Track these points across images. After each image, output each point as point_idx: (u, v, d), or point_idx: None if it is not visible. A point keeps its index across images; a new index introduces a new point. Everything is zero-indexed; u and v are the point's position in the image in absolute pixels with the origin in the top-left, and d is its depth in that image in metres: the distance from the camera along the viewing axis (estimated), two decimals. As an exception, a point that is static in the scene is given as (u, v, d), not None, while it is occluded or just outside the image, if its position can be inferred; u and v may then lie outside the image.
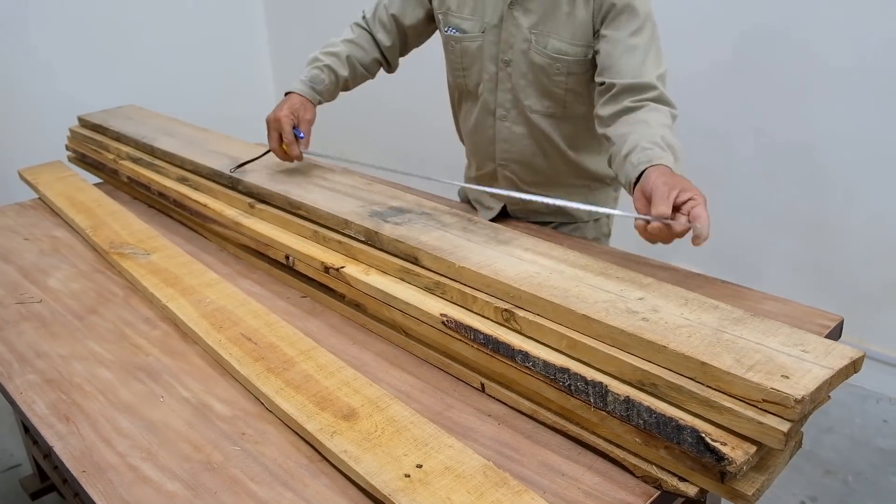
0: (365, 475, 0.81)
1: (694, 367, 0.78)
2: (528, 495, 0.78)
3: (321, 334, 1.16)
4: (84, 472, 0.88)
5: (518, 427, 0.94)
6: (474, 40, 1.40)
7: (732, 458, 0.72)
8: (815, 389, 0.72)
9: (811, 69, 2.18)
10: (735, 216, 2.45)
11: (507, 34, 1.35)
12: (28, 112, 3.02)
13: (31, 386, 1.06)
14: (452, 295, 1.03)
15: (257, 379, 1.00)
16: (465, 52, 1.43)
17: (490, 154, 1.51)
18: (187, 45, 3.44)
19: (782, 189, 2.35)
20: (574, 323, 0.89)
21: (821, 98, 2.19)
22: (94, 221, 1.55)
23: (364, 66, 1.56)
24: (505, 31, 1.35)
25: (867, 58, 2.08)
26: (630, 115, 1.21)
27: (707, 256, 2.50)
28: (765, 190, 2.39)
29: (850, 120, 2.15)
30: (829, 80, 2.16)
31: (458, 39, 1.42)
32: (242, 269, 1.40)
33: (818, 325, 1.07)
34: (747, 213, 2.45)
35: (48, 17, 3.00)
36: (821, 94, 2.18)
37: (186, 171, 1.59)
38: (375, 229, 1.16)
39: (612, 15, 1.26)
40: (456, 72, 1.49)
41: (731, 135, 2.41)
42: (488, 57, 1.40)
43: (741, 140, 2.40)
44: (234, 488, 0.85)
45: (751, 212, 2.44)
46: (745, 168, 2.42)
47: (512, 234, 1.13)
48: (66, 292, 1.33)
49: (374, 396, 0.95)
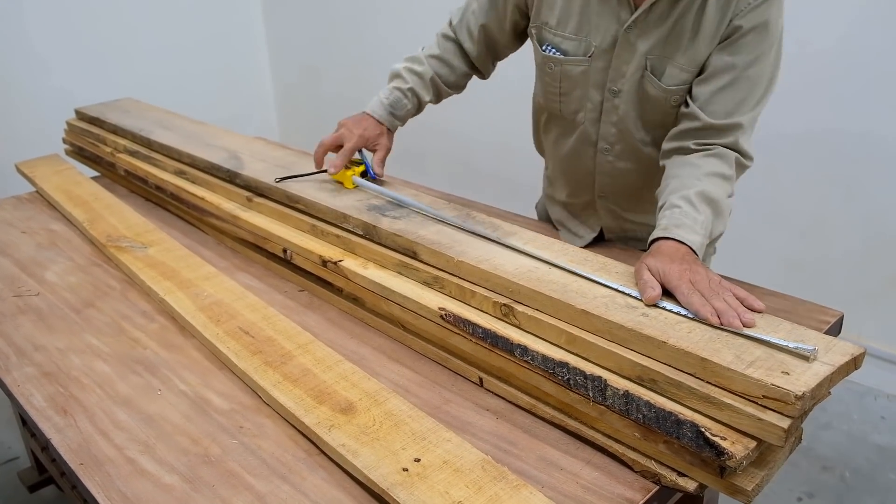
0: (363, 469, 0.81)
1: (694, 362, 0.78)
2: (527, 490, 0.77)
3: (319, 328, 1.16)
4: (82, 464, 0.88)
5: (516, 421, 0.93)
6: (579, 64, 1.20)
7: (732, 452, 0.72)
8: (815, 386, 0.72)
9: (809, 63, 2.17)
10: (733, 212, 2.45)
11: (619, 61, 1.16)
12: (25, 106, 3.00)
13: (29, 379, 1.05)
14: (451, 289, 1.03)
15: (255, 372, 1.00)
16: (565, 76, 1.23)
17: (588, 185, 1.33)
18: (184, 40, 3.43)
19: (781, 185, 2.34)
20: (573, 318, 0.89)
21: (820, 93, 2.18)
22: (91, 215, 1.55)
23: (450, 85, 1.40)
24: (617, 57, 1.16)
25: (867, 52, 2.07)
26: (691, 156, 1.08)
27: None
28: (763, 186, 2.39)
29: (850, 115, 2.15)
30: (828, 75, 2.15)
31: (559, 62, 1.22)
32: (240, 263, 1.39)
33: (818, 320, 1.07)
34: (745, 209, 2.44)
35: (43, 10, 2.98)
36: (820, 88, 2.18)
37: (184, 165, 1.58)
38: (374, 223, 1.16)
39: (736, 36, 1.08)
40: (550, 95, 1.28)
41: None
42: (594, 84, 1.21)
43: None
44: (231, 481, 0.85)
45: (749, 208, 2.44)
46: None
47: (511, 228, 1.13)
48: (63, 285, 1.32)
49: (372, 390, 0.95)
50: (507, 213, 1.50)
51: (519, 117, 2.33)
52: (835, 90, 2.16)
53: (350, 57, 3.39)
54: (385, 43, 3.17)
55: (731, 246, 2.53)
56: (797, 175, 2.30)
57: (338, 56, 3.49)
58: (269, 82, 3.86)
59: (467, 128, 3.01)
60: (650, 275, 0.92)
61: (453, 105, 1.74)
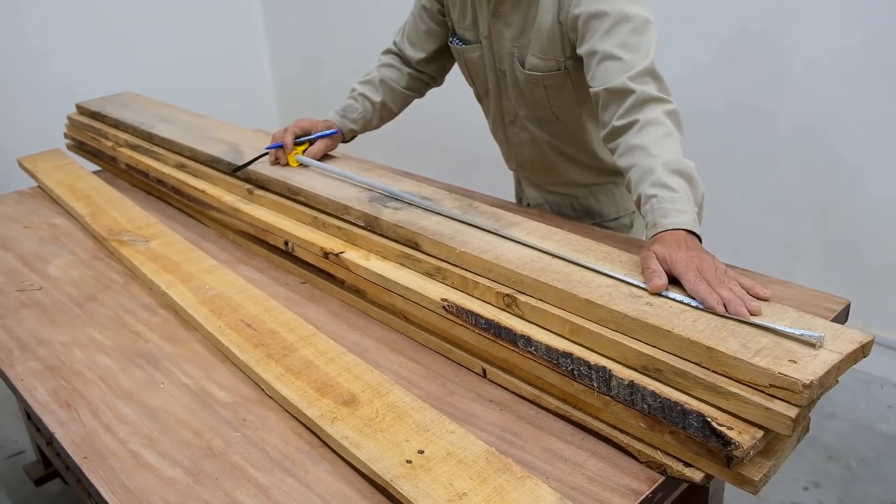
0: (366, 461, 0.80)
1: (699, 351, 0.77)
2: (531, 481, 0.77)
3: (321, 320, 1.15)
4: (85, 458, 0.88)
5: (520, 412, 0.93)
6: (475, 51, 1.38)
7: (739, 442, 0.71)
8: (823, 374, 0.71)
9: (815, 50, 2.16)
10: (739, 200, 2.44)
11: (497, 45, 1.33)
12: (25, 101, 3.00)
13: (32, 373, 1.05)
14: (453, 280, 1.02)
15: (257, 365, 0.99)
16: (469, 62, 1.42)
17: (509, 156, 1.53)
18: (184, 33, 3.42)
19: (787, 173, 2.33)
20: (577, 308, 0.88)
21: (826, 80, 2.17)
22: (92, 209, 1.54)
23: (403, 86, 1.52)
24: (495, 42, 1.33)
25: (873, 39, 2.05)
26: (625, 137, 1.12)
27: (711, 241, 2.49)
28: (769, 173, 2.37)
29: (856, 102, 2.13)
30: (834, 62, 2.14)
31: (462, 51, 1.40)
32: (241, 256, 1.39)
33: (824, 308, 1.06)
34: (751, 198, 2.43)
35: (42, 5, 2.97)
36: (826, 75, 2.16)
37: (185, 158, 1.57)
38: (375, 214, 1.15)
39: (580, 25, 1.18)
40: (468, 80, 1.48)
41: (734, 118, 2.39)
42: (489, 67, 1.38)
43: (745, 124, 2.38)
44: (234, 474, 0.84)
45: (754, 196, 2.43)
46: (748, 152, 2.40)
47: (513, 218, 1.12)
48: (65, 280, 1.32)
49: (374, 382, 0.94)
50: (508, 204, 1.49)
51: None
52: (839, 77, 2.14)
53: (350, 48, 3.37)
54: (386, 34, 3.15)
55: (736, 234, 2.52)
56: (802, 163, 2.29)
57: (338, 48, 3.47)
58: (269, 74, 3.85)
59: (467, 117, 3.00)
60: (657, 263, 0.91)
61: (454, 96, 1.73)
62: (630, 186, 1.08)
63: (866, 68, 2.09)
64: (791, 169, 2.32)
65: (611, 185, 1.45)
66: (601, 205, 1.46)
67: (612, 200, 1.46)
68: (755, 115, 2.35)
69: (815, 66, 2.17)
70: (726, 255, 1.04)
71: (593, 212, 1.47)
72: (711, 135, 2.42)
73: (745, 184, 2.43)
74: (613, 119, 1.13)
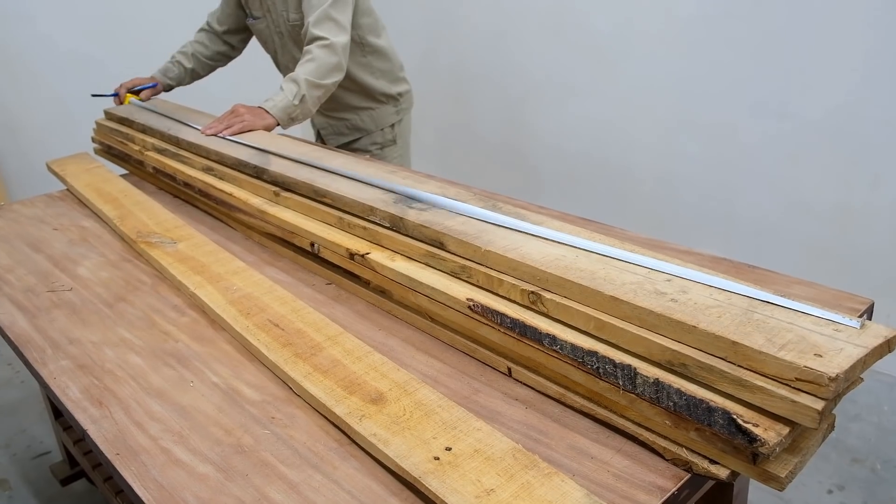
0: (395, 458, 0.81)
1: (725, 346, 0.78)
2: (558, 477, 0.78)
3: (347, 320, 1.17)
4: (118, 454, 0.89)
5: (546, 411, 0.94)
6: (262, 22, 2.03)
7: (765, 439, 0.71)
8: (849, 368, 0.71)
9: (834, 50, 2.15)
10: (759, 200, 2.43)
11: (275, 14, 1.97)
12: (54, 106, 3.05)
13: (65, 371, 1.07)
14: (479, 279, 1.03)
15: (285, 364, 1.01)
16: (259, 33, 2.08)
17: None
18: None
19: (807, 172, 2.32)
20: (602, 305, 0.89)
21: (846, 79, 2.15)
22: (121, 211, 1.57)
23: (207, 57, 2.18)
24: (273, 12, 1.97)
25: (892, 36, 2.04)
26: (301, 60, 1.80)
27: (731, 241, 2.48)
28: (789, 173, 2.36)
29: (877, 102, 2.12)
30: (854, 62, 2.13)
31: (254, 25, 2.07)
32: (268, 257, 1.41)
33: (848, 308, 1.06)
34: (772, 197, 2.42)
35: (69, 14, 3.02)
36: (845, 75, 2.15)
37: (211, 161, 1.60)
38: (400, 215, 1.16)
39: None
40: (263, 46, 2.12)
41: (754, 117, 2.39)
42: (273, 31, 2.02)
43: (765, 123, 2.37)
44: (264, 471, 0.86)
45: (775, 196, 2.41)
46: (769, 151, 2.39)
47: (538, 217, 1.13)
48: (95, 280, 1.35)
49: (401, 381, 0.95)
50: (530, 205, 1.50)
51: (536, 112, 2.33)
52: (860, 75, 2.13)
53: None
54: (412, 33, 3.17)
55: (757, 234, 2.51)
56: (823, 162, 2.28)
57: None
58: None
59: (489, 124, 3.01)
60: (226, 116, 1.73)
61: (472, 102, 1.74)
62: None
63: (889, 69, 2.08)
64: (811, 168, 2.31)
65: (372, 108, 2.09)
66: (365, 123, 2.10)
67: (373, 119, 2.10)
68: (773, 115, 2.34)
69: (834, 64, 2.16)
70: (745, 254, 1.04)
71: (361, 128, 2.10)
72: (730, 134, 2.41)
73: (763, 183, 2.42)
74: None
